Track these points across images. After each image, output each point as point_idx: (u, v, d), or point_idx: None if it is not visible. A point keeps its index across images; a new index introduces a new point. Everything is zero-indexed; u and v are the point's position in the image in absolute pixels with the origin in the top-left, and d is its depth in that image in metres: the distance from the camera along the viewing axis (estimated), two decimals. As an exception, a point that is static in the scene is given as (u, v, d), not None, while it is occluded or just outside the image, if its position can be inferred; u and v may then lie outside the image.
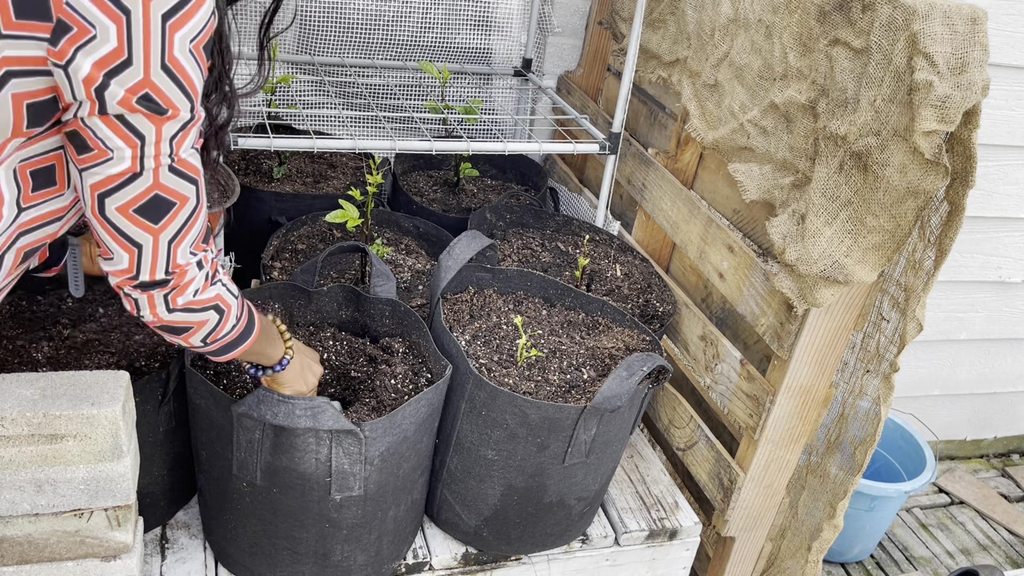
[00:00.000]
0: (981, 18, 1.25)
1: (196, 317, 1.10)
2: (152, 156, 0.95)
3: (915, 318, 1.48)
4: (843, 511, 1.75)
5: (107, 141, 0.92)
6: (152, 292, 1.04)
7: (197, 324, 1.11)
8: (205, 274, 1.09)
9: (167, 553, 1.51)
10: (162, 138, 0.94)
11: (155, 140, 0.94)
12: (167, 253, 1.02)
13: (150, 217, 0.99)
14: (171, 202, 0.99)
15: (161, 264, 1.03)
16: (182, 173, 0.99)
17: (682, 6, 1.94)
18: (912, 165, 1.32)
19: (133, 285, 1.03)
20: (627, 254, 2.05)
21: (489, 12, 2.40)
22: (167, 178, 0.97)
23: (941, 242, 1.42)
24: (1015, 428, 3.25)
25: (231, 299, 1.14)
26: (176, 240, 1.02)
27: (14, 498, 1.13)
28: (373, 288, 1.61)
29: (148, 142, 0.94)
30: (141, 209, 0.98)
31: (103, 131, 0.92)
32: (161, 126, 0.93)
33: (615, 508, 1.77)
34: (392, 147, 1.79)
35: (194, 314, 1.09)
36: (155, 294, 1.05)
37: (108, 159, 0.93)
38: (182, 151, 0.98)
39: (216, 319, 1.12)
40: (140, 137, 0.93)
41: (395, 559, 1.54)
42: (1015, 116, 2.44)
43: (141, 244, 1.00)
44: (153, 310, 1.07)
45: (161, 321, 1.08)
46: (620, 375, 1.43)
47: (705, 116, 1.85)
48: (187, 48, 0.92)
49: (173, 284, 1.05)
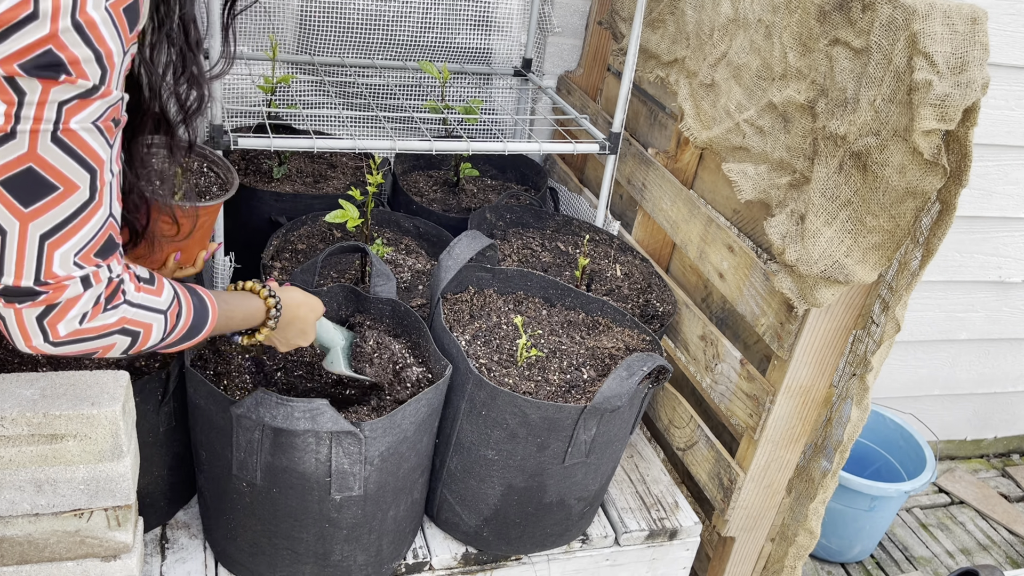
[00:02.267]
0: (981, 18, 1.25)
1: (93, 345, 0.92)
2: (30, 118, 0.80)
3: (894, 318, 1.48)
4: (817, 516, 1.74)
5: None
6: (19, 307, 0.85)
7: (102, 349, 0.93)
8: (96, 295, 0.89)
9: (167, 553, 1.51)
10: (48, 100, 0.80)
11: (37, 100, 0.79)
12: (38, 252, 0.84)
13: (18, 195, 0.81)
14: (50, 183, 0.83)
15: (29, 265, 0.84)
16: (71, 149, 0.83)
17: (682, 6, 1.94)
18: (911, 165, 1.32)
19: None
20: (627, 254, 2.05)
21: (489, 12, 2.40)
22: (47, 149, 0.81)
23: (929, 242, 1.41)
24: (1015, 428, 3.25)
25: (150, 316, 0.97)
26: (53, 239, 0.84)
27: (14, 498, 1.13)
28: (373, 288, 1.61)
29: (27, 101, 0.79)
30: (8, 182, 0.81)
31: None
32: (51, 87, 0.79)
33: (615, 508, 1.77)
34: (392, 147, 1.79)
35: (89, 343, 0.91)
36: (24, 312, 0.85)
37: None
38: (74, 121, 0.82)
39: (128, 341, 0.96)
40: (19, 93, 0.79)
41: (395, 559, 1.54)
42: (1015, 116, 2.44)
43: (5, 230, 0.82)
44: (27, 339, 0.87)
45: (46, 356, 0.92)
46: (620, 375, 1.43)
47: (700, 116, 1.85)
48: (103, 5, 0.81)
49: (46, 300, 0.86)
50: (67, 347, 0.90)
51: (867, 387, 1.56)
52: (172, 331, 1.02)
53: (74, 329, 0.89)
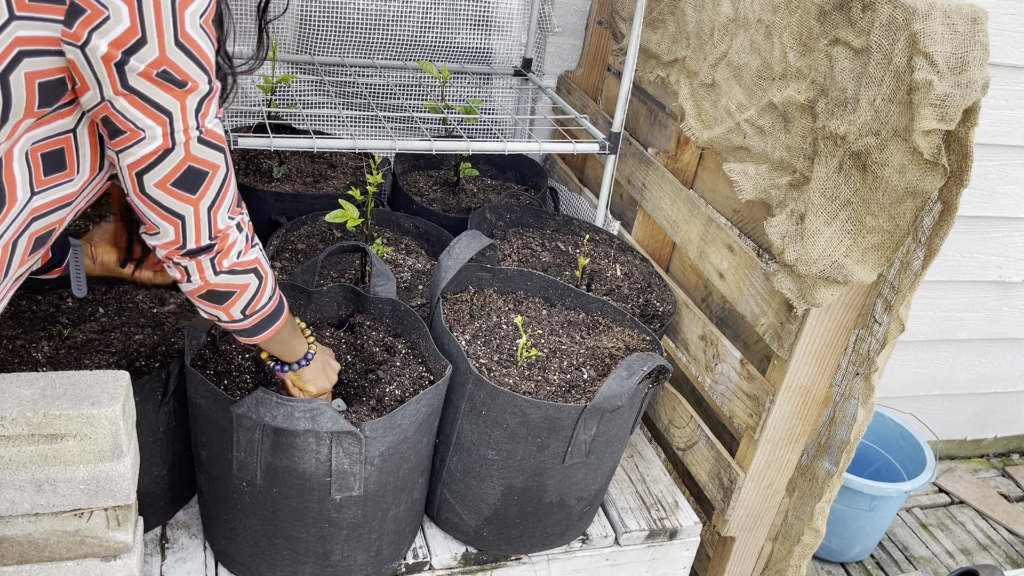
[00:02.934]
0: (981, 18, 1.25)
1: (239, 280, 1.15)
2: (181, 131, 0.99)
3: (898, 317, 1.48)
4: (822, 515, 1.74)
5: (137, 122, 0.96)
6: (200, 258, 1.10)
7: (240, 288, 1.16)
8: (245, 236, 1.15)
9: (167, 553, 1.51)
10: (187, 111, 0.98)
11: (181, 115, 0.98)
12: (208, 220, 1.08)
13: (187, 188, 1.04)
14: (204, 172, 1.04)
15: (205, 231, 1.08)
16: (210, 143, 1.03)
17: (682, 6, 1.94)
18: (911, 165, 1.32)
19: (182, 254, 1.09)
20: (627, 254, 2.05)
21: (489, 12, 2.40)
22: (198, 150, 1.02)
23: (931, 242, 1.41)
24: (1015, 428, 3.25)
25: (268, 267, 1.20)
26: (215, 207, 1.08)
27: (14, 498, 1.13)
28: (373, 288, 1.61)
29: (175, 117, 0.98)
30: (178, 182, 1.03)
31: (131, 112, 0.95)
32: (184, 100, 0.97)
33: (615, 508, 1.77)
34: (392, 147, 1.79)
35: (238, 276, 1.15)
36: (203, 259, 1.10)
37: (141, 139, 0.98)
38: (207, 122, 1.02)
39: (256, 284, 1.18)
40: (167, 114, 0.97)
41: (395, 559, 1.54)
42: (1015, 116, 2.44)
43: (183, 215, 1.05)
44: (202, 275, 1.12)
45: (209, 286, 1.13)
46: (620, 375, 1.43)
47: (701, 116, 1.85)
48: (198, 23, 0.95)
49: (218, 248, 1.11)
50: (224, 276, 1.14)
51: (872, 387, 1.56)
52: (273, 293, 1.22)
53: (234, 262, 1.13)
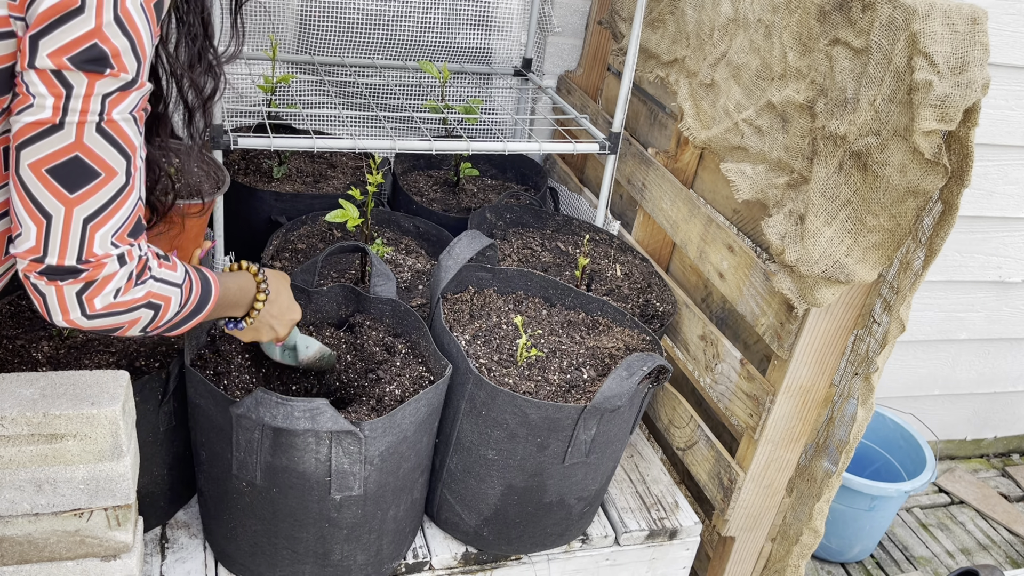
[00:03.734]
0: (981, 18, 1.25)
1: (123, 319, 0.99)
2: (77, 110, 0.87)
3: (898, 318, 1.48)
4: (821, 515, 1.74)
5: (31, 86, 0.86)
6: (61, 284, 0.92)
7: (128, 323, 1.00)
8: (128, 272, 0.97)
9: (167, 553, 1.51)
10: (93, 93, 0.87)
11: (84, 93, 0.87)
12: (81, 233, 0.91)
13: (65, 182, 0.89)
14: (93, 170, 0.90)
15: (72, 246, 0.91)
16: (112, 138, 0.90)
17: (682, 6, 1.94)
18: (912, 165, 1.32)
19: (39, 270, 0.91)
20: (627, 254, 2.05)
21: (489, 12, 2.40)
22: (92, 139, 0.89)
23: (932, 242, 1.41)
24: (1015, 428, 3.25)
25: (170, 290, 1.04)
26: (95, 221, 0.91)
27: (14, 498, 1.13)
28: (373, 288, 1.61)
29: (75, 94, 0.86)
30: (56, 170, 0.88)
31: (30, 75, 0.86)
32: (96, 81, 0.87)
33: (615, 508, 1.77)
34: (392, 147, 1.79)
35: (119, 316, 0.98)
36: (65, 288, 0.93)
37: (28, 106, 0.86)
38: (115, 112, 0.89)
39: (151, 315, 1.02)
40: (67, 87, 0.86)
41: (395, 559, 1.54)
42: (1015, 116, 2.44)
43: (51, 215, 0.89)
44: (66, 313, 0.94)
45: (80, 328, 0.97)
46: (620, 375, 1.43)
47: (699, 115, 1.85)
48: (139, 2, 0.88)
49: (87, 278, 0.93)
50: (100, 320, 0.97)
51: (872, 387, 1.55)
52: (185, 304, 1.08)
53: (109, 303, 0.96)
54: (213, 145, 1.67)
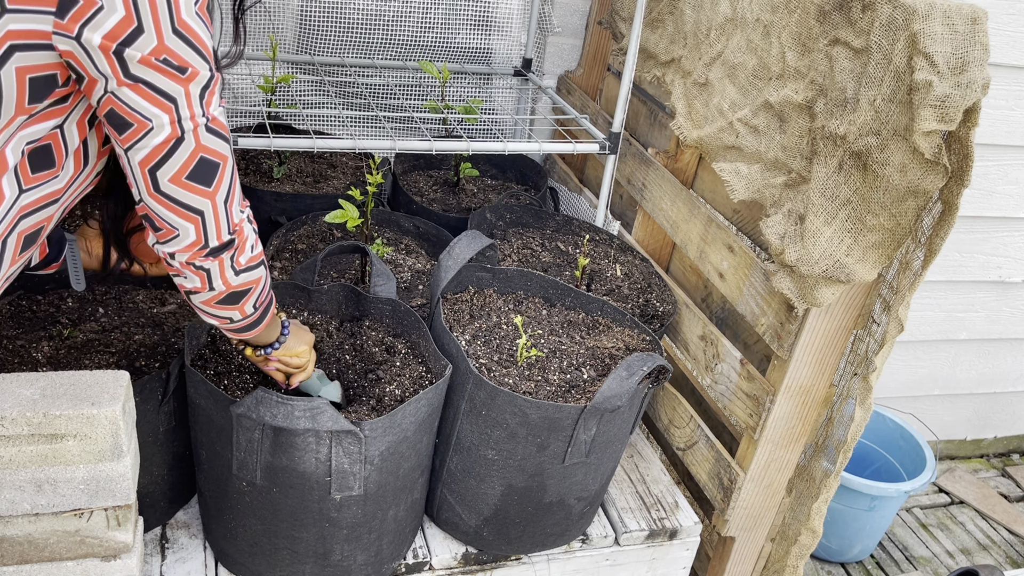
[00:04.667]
0: (981, 18, 1.25)
1: (254, 275, 1.13)
2: (188, 118, 0.97)
3: (897, 318, 1.48)
4: (819, 515, 1.74)
5: (143, 111, 0.94)
6: (222, 256, 1.07)
7: (254, 283, 1.14)
8: (254, 228, 1.12)
9: (167, 553, 1.51)
10: (192, 99, 0.96)
11: (186, 102, 0.96)
12: (226, 213, 1.05)
13: (203, 181, 1.01)
14: (216, 163, 1.02)
15: (224, 225, 1.05)
16: (217, 132, 1.01)
17: (681, 6, 1.94)
18: (912, 165, 1.32)
19: (205, 255, 1.06)
20: (627, 254, 2.05)
21: (489, 12, 2.40)
22: (207, 139, 1.00)
23: (932, 242, 1.41)
24: (1015, 428, 3.25)
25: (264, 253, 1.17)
26: (229, 199, 1.05)
27: (14, 498, 1.13)
28: (373, 288, 1.61)
29: (181, 104, 0.96)
30: (193, 174, 1.00)
31: (136, 101, 0.93)
32: (187, 86, 0.95)
33: (615, 508, 1.77)
34: (392, 147, 1.79)
35: (253, 272, 1.13)
36: (224, 258, 1.08)
37: (149, 130, 0.95)
38: (212, 109, 1.00)
39: (264, 275, 1.16)
40: (172, 100, 0.95)
41: (395, 559, 1.54)
42: (1015, 116, 2.44)
43: (202, 210, 1.03)
44: (223, 277, 1.09)
45: (230, 288, 1.10)
46: (620, 375, 1.43)
47: (691, 115, 1.85)
48: (193, 10, 0.94)
49: (237, 243, 1.08)
50: (244, 275, 1.12)
51: (870, 387, 1.55)
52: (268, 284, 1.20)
53: (249, 257, 1.11)
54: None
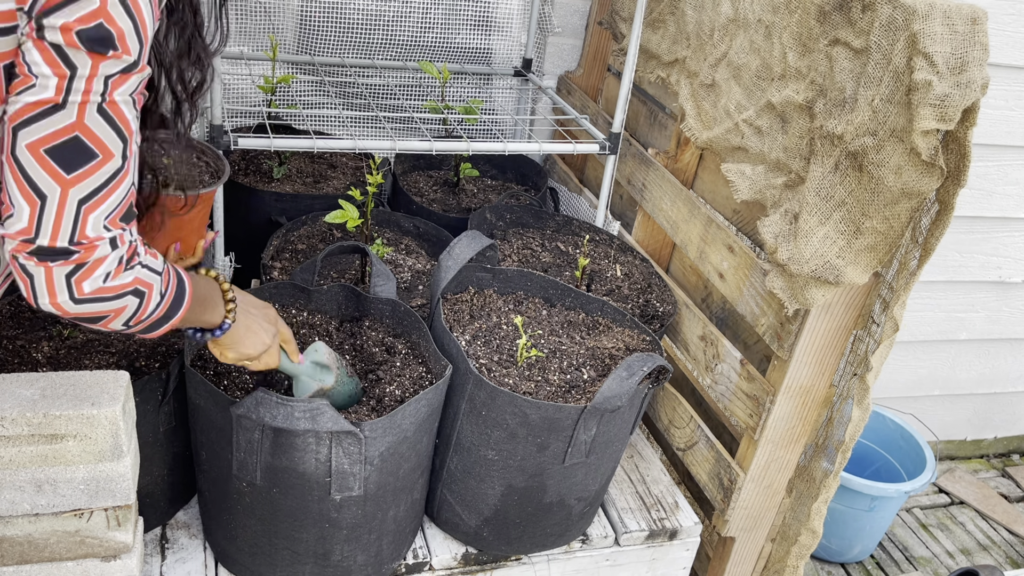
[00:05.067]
0: (981, 18, 1.25)
1: (110, 306, 0.97)
2: (81, 91, 0.87)
3: (892, 317, 1.48)
4: (819, 515, 1.74)
5: (33, 67, 0.85)
6: (51, 265, 0.91)
7: (114, 312, 0.98)
8: (119, 257, 0.95)
9: (167, 553, 1.51)
10: (97, 74, 0.87)
11: (88, 75, 0.86)
12: (75, 215, 0.90)
13: (62, 163, 0.88)
14: (91, 151, 0.89)
15: (66, 227, 0.90)
16: (112, 120, 0.90)
17: (682, 6, 1.94)
18: (908, 166, 1.32)
19: (29, 251, 0.90)
20: (627, 254, 2.05)
21: (489, 12, 2.40)
22: (93, 120, 0.88)
23: (927, 242, 1.41)
24: (1015, 428, 3.25)
25: (152, 277, 1.02)
26: (89, 203, 0.91)
27: (14, 498, 1.13)
28: (373, 288, 1.61)
29: (79, 75, 0.86)
30: (54, 150, 0.88)
31: (33, 55, 0.85)
32: (100, 62, 0.86)
33: (615, 508, 1.77)
34: (392, 147, 1.79)
35: (107, 303, 0.96)
36: (55, 270, 0.91)
37: (31, 86, 0.85)
38: (117, 94, 0.89)
39: (136, 303, 1.00)
40: (71, 67, 0.86)
41: (395, 559, 1.54)
42: (1015, 116, 2.44)
43: (46, 195, 0.88)
44: (53, 295, 0.92)
45: (65, 314, 0.95)
46: (620, 375, 1.43)
47: (701, 116, 1.85)
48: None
49: (77, 260, 0.92)
50: (87, 305, 0.95)
51: (867, 387, 1.56)
52: (165, 292, 1.05)
53: (98, 287, 0.94)
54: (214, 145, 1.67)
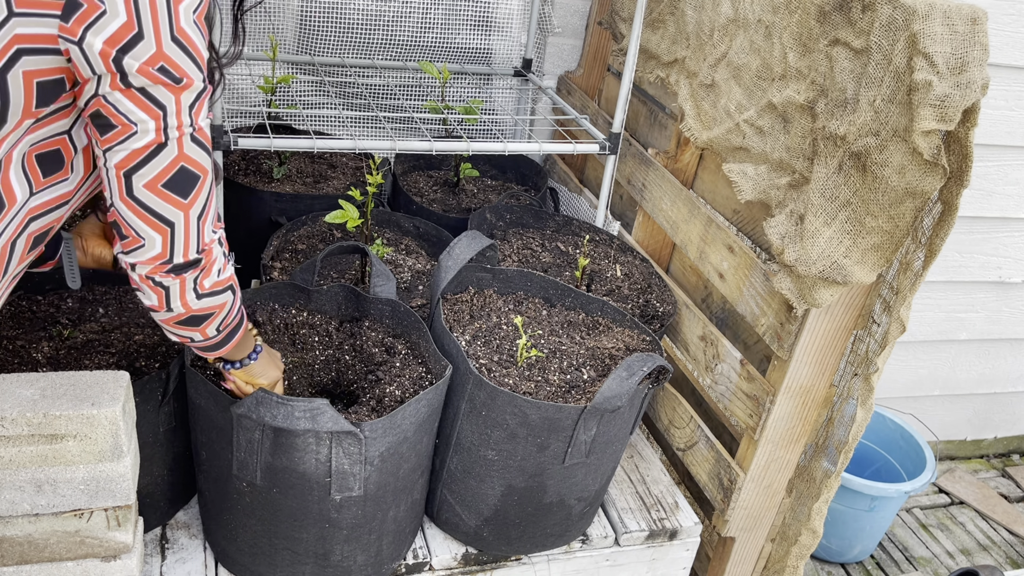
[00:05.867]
0: (981, 18, 1.25)
1: (218, 300, 1.10)
2: (175, 126, 0.96)
3: (898, 318, 1.48)
4: (820, 515, 1.74)
5: (130, 115, 0.93)
6: (184, 275, 1.04)
7: (218, 308, 1.10)
8: (223, 252, 1.09)
9: (167, 553, 1.51)
10: (182, 107, 0.95)
11: (176, 110, 0.95)
12: (197, 229, 1.02)
13: (179, 191, 0.99)
14: (195, 174, 1.00)
15: (193, 242, 1.02)
16: (201, 143, 1.00)
17: (682, 6, 1.94)
18: (911, 166, 1.32)
19: (167, 270, 1.02)
20: (627, 254, 2.05)
21: (489, 12, 2.40)
22: (191, 148, 0.98)
23: (932, 242, 1.41)
24: (1015, 428, 3.25)
25: (234, 276, 1.14)
26: (203, 215, 1.03)
27: (14, 498, 1.13)
28: (373, 288, 1.61)
29: (170, 112, 0.95)
30: (170, 183, 0.98)
31: (126, 105, 0.93)
32: (180, 95, 0.95)
33: (615, 508, 1.77)
34: (392, 147, 1.79)
35: (217, 296, 1.09)
36: (187, 277, 1.04)
37: (132, 134, 0.94)
38: (200, 119, 0.99)
39: (231, 300, 1.13)
40: (162, 108, 0.94)
41: (395, 559, 1.54)
42: (1015, 116, 2.44)
43: (173, 222, 1.00)
44: (183, 298, 1.05)
45: (189, 311, 1.07)
46: (620, 375, 1.43)
47: (700, 116, 1.85)
48: (191, 19, 0.93)
49: (203, 264, 1.05)
50: (206, 300, 1.07)
51: (872, 387, 1.56)
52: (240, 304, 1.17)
53: (214, 281, 1.07)
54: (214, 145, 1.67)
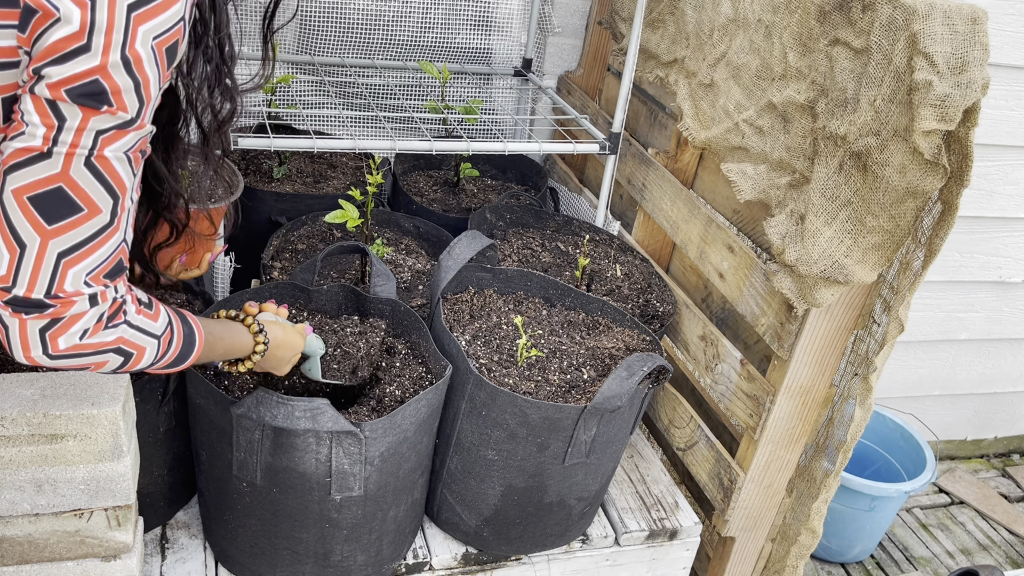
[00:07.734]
0: (981, 18, 1.25)
1: (88, 360, 0.95)
2: (67, 142, 0.85)
3: (897, 318, 1.48)
4: (819, 515, 1.74)
5: (26, 115, 0.84)
6: (25, 317, 0.88)
7: (94, 366, 0.96)
8: (99, 314, 0.92)
9: (167, 553, 1.51)
10: (87, 128, 0.85)
11: (77, 127, 0.85)
12: (53, 267, 0.88)
13: (44, 212, 0.86)
14: (76, 204, 0.87)
15: (43, 279, 0.88)
16: (100, 175, 0.87)
17: (681, 6, 1.94)
18: (912, 165, 1.32)
19: (5, 300, 0.88)
20: (627, 254, 2.05)
21: (489, 12, 2.40)
22: (79, 172, 0.86)
23: (931, 242, 1.41)
24: (1015, 428, 3.25)
25: (145, 339, 0.99)
26: (69, 257, 0.88)
27: (14, 498, 1.13)
28: (373, 288, 1.61)
29: (67, 126, 0.84)
30: (37, 200, 0.85)
31: (27, 103, 0.84)
32: (91, 116, 0.85)
33: (615, 508, 1.77)
34: (392, 147, 1.79)
35: (84, 358, 0.94)
36: (29, 323, 0.88)
37: (21, 132, 0.85)
38: (108, 150, 0.87)
39: (120, 360, 0.98)
40: (61, 119, 0.84)
41: (395, 559, 1.54)
42: (1015, 116, 2.44)
43: (26, 244, 0.86)
44: (27, 349, 0.90)
45: (40, 367, 0.93)
46: (620, 375, 1.43)
47: (698, 116, 1.85)
48: (150, 43, 0.86)
49: (53, 314, 0.89)
50: (63, 361, 0.93)
51: (870, 387, 1.56)
52: (162, 357, 1.04)
53: (74, 344, 0.92)
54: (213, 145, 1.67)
